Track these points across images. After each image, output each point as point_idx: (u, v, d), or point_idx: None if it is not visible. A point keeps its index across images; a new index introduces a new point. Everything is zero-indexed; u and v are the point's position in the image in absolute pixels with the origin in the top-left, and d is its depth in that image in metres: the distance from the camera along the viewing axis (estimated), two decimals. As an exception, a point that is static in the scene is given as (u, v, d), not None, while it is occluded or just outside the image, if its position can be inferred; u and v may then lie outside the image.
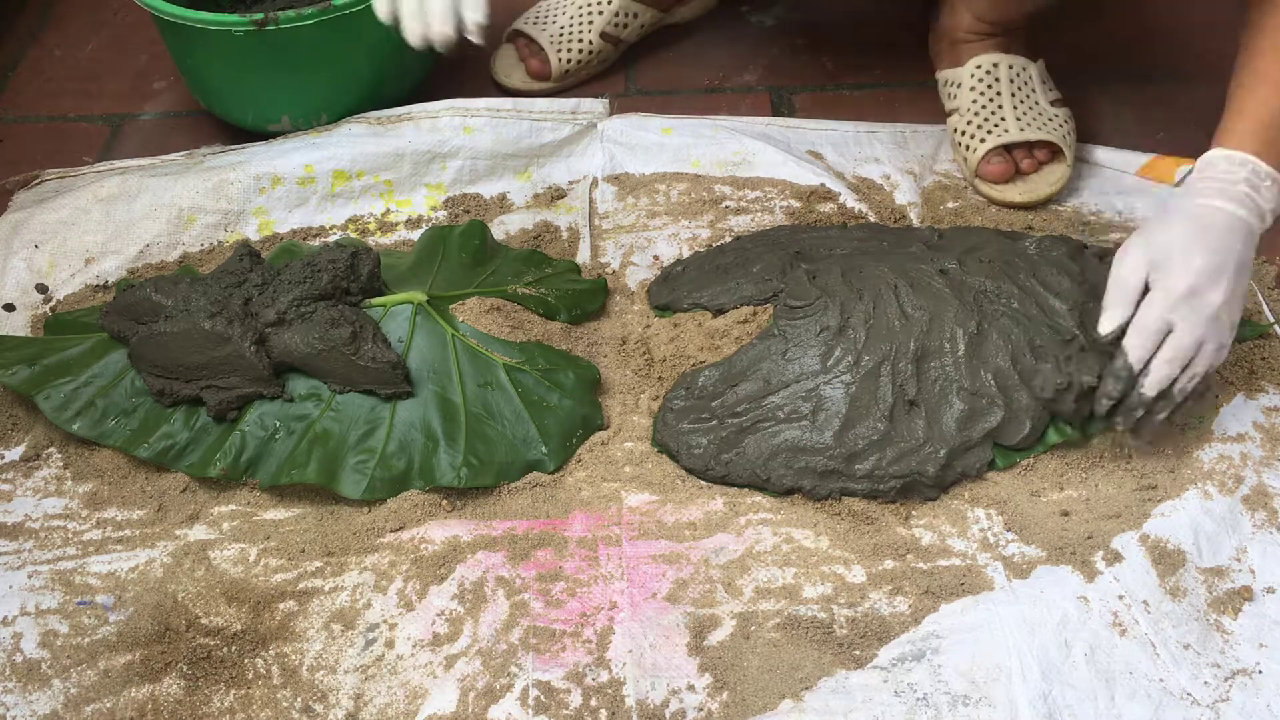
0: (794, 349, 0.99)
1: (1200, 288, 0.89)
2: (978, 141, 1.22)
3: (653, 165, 1.26)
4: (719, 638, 0.86)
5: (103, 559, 0.92)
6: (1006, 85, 1.23)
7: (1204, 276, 0.89)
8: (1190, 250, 0.90)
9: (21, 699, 0.83)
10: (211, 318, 0.96)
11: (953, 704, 0.81)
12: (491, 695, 0.83)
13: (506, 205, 1.23)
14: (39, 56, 1.48)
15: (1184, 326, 0.90)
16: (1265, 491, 0.94)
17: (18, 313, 1.11)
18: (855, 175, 1.25)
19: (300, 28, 1.19)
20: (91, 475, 0.98)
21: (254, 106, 1.28)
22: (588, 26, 1.38)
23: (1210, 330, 0.90)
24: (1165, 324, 0.90)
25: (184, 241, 1.17)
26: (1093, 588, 0.87)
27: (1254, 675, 0.83)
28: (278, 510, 0.96)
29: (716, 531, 0.93)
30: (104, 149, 1.34)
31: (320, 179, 1.21)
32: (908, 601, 0.88)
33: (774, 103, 1.38)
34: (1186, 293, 0.89)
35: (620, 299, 1.13)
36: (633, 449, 0.99)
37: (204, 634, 0.87)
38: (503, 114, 1.26)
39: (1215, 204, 0.92)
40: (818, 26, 1.48)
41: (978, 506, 0.95)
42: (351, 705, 0.83)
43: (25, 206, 1.20)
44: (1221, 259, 0.89)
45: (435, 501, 0.95)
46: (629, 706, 0.82)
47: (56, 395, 0.98)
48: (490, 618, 0.87)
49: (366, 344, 0.97)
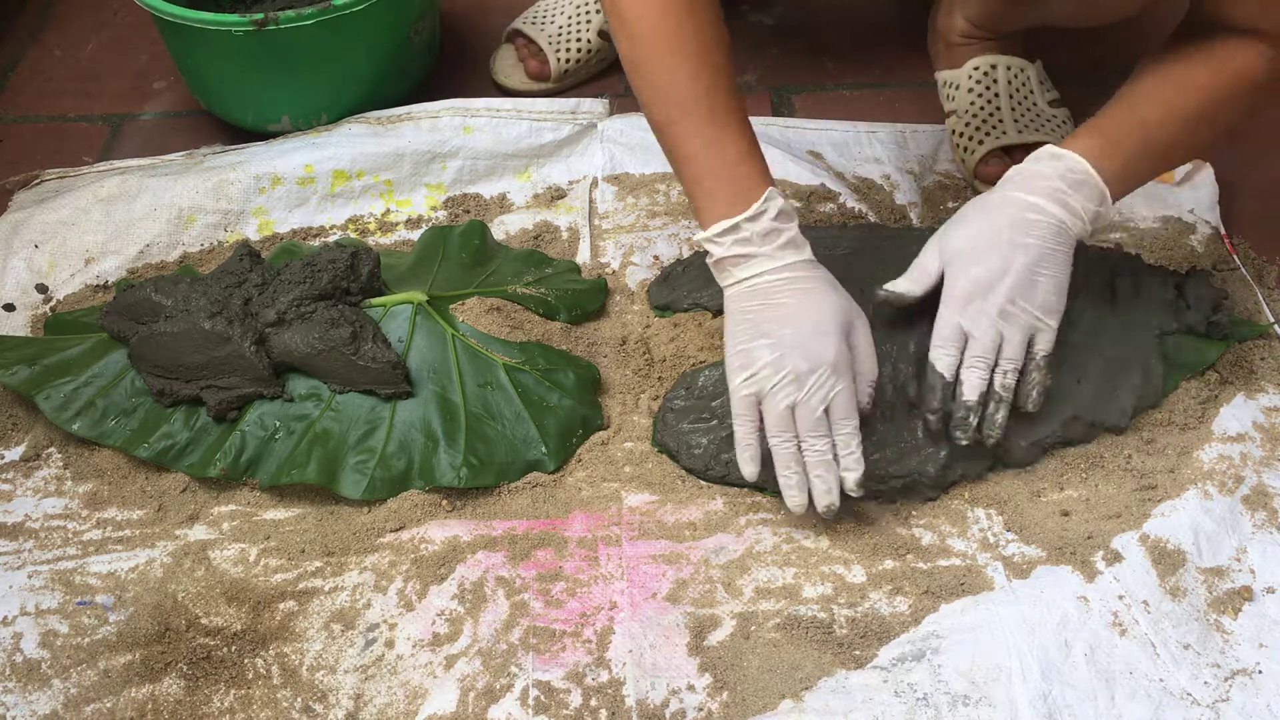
0: (794, 349, 0.99)
1: (980, 289, 0.89)
2: (975, 144, 1.22)
3: (653, 165, 1.26)
4: (719, 638, 0.86)
5: (103, 559, 0.92)
6: (1004, 87, 1.23)
7: (985, 275, 0.89)
8: (975, 251, 0.90)
9: (21, 699, 0.83)
10: (211, 318, 0.96)
11: (953, 704, 0.81)
12: (491, 695, 0.83)
13: (506, 205, 1.23)
14: (39, 56, 1.48)
15: (977, 330, 0.90)
16: (1265, 491, 0.94)
17: (18, 313, 1.11)
18: (855, 175, 1.25)
19: (300, 28, 1.19)
20: (91, 475, 0.98)
21: (254, 106, 1.28)
22: (586, 25, 1.38)
23: (1007, 327, 0.89)
24: (959, 329, 0.90)
25: (184, 241, 1.17)
26: (1093, 588, 0.87)
27: (1254, 675, 0.83)
28: (278, 510, 0.96)
29: (716, 531, 0.93)
30: (104, 149, 1.34)
31: (320, 179, 1.21)
32: (908, 601, 0.88)
33: (774, 103, 1.38)
34: (967, 297, 0.89)
35: (620, 299, 1.13)
36: (633, 449, 0.99)
37: (204, 634, 0.87)
38: (503, 114, 1.26)
39: (1016, 195, 0.91)
40: (818, 26, 1.48)
41: (978, 506, 0.95)
42: (351, 705, 0.83)
43: (25, 206, 1.20)
44: (1008, 254, 0.89)
45: (435, 501, 0.95)
46: (629, 706, 0.82)
47: (56, 395, 0.98)
48: (490, 618, 0.87)
49: (366, 344, 0.97)
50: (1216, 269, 1.12)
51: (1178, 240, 1.16)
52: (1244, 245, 1.16)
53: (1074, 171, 0.90)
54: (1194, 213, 1.18)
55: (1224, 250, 1.15)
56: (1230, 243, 1.16)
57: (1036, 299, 0.90)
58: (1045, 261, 0.90)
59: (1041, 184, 0.91)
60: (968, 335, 0.90)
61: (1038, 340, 0.92)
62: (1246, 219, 1.19)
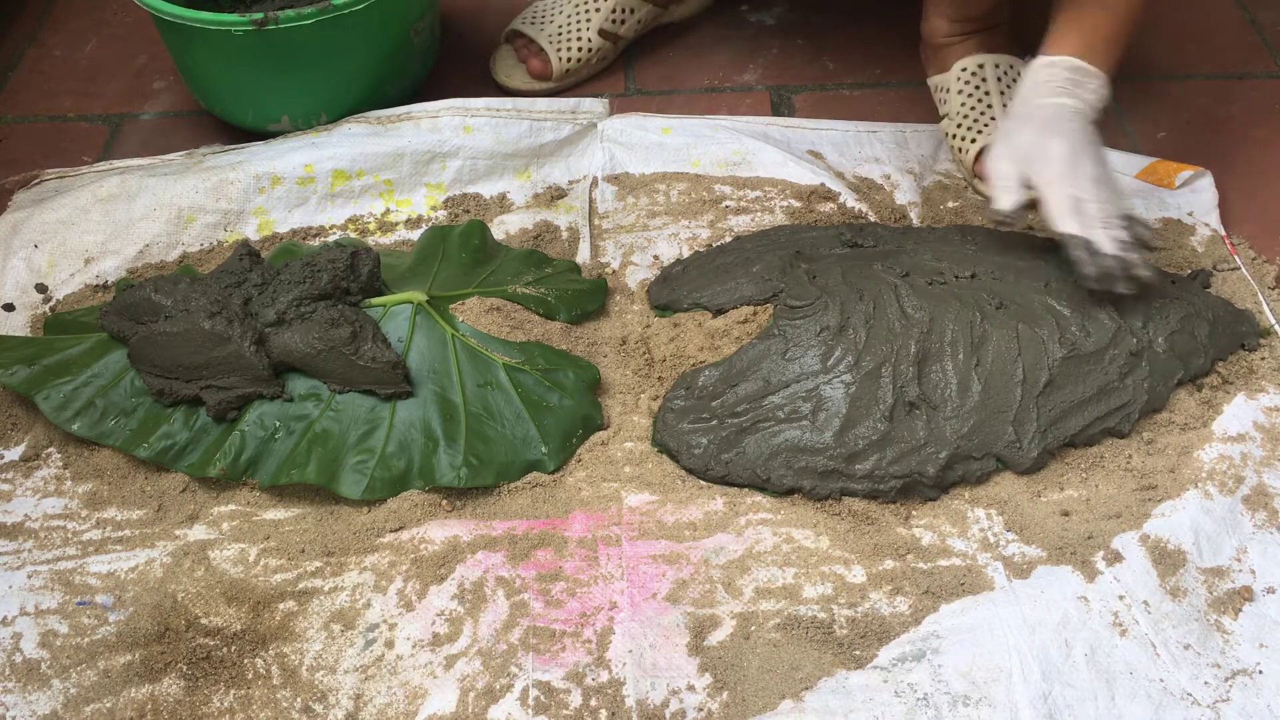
0: (794, 349, 0.99)
1: (1070, 164, 1.02)
2: (968, 143, 1.22)
3: (653, 165, 1.26)
4: (719, 638, 0.86)
5: (102, 559, 0.91)
6: (994, 85, 1.23)
7: (1068, 153, 1.02)
8: (1044, 142, 1.03)
9: (21, 699, 0.83)
10: (211, 318, 0.96)
11: (953, 704, 0.81)
12: (491, 695, 0.83)
13: (506, 205, 1.23)
14: (39, 56, 1.48)
15: (1086, 194, 1.01)
16: (1265, 491, 0.94)
17: (17, 313, 1.11)
18: (855, 175, 1.25)
19: (300, 28, 1.19)
20: (91, 475, 0.98)
21: (254, 106, 1.28)
22: (585, 24, 1.38)
23: (1101, 188, 1.02)
24: (1073, 198, 1.01)
25: (184, 241, 1.17)
26: (1093, 588, 0.87)
27: (1254, 675, 0.83)
28: (277, 510, 0.96)
29: (716, 531, 0.93)
30: (104, 149, 1.34)
31: (320, 179, 1.21)
32: (908, 601, 0.88)
33: (774, 103, 1.38)
34: (1064, 172, 1.01)
35: (620, 299, 1.13)
36: (633, 449, 0.99)
37: (204, 634, 0.87)
38: (503, 114, 1.26)
39: (1045, 101, 1.05)
40: (818, 26, 1.48)
41: (978, 506, 0.95)
42: (351, 705, 0.83)
43: (25, 206, 1.20)
44: (1070, 138, 1.03)
45: (435, 501, 0.95)
46: (629, 706, 0.82)
47: (56, 395, 0.98)
48: (490, 618, 0.87)
49: (366, 344, 0.97)
50: (1216, 269, 1.13)
51: (1178, 241, 1.16)
52: (1244, 245, 1.16)
53: (1073, 70, 1.05)
54: (1193, 215, 1.18)
55: (1224, 250, 1.15)
56: (1230, 243, 1.16)
57: (1102, 160, 1.04)
58: (1093, 140, 1.04)
59: (1052, 87, 1.05)
60: (1079, 201, 1.00)
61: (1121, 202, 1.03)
62: (1246, 219, 1.20)
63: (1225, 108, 1.34)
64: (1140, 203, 1.20)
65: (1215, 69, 1.40)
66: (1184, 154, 1.25)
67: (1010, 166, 1.04)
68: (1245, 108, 1.34)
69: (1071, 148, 1.02)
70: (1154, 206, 1.20)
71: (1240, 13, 1.48)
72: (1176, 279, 1.08)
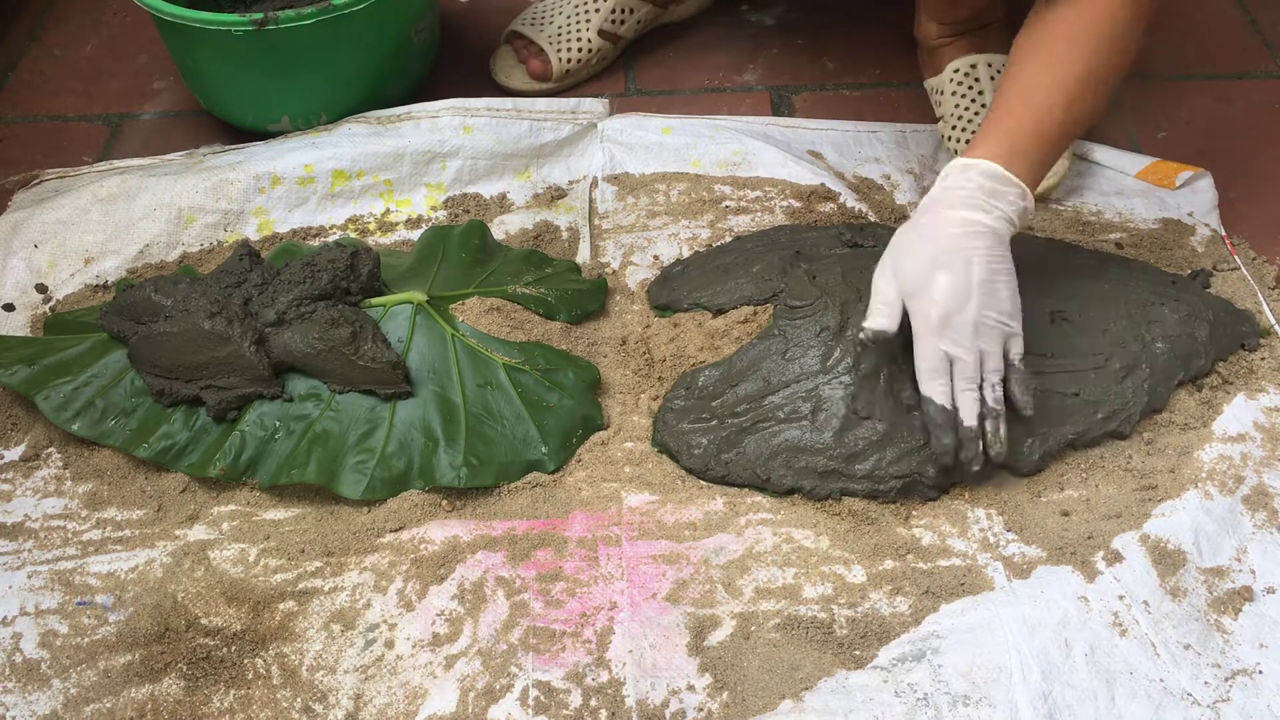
0: (794, 349, 0.99)
1: (951, 309, 0.89)
2: (964, 145, 1.22)
3: (653, 165, 1.26)
4: (719, 638, 0.86)
5: (102, 559, 0.91)
6: (988, 84, 1.23)
7: (951, 297, 0.89)
8: (932, 275, 0.90)
9: (21, 699, 0.83)
10: (211, 318, 0.96)
11: (953, 704, 0.81)
12: (491, 695, 0.83)
13: (506, 205, 1.23)
14: (39, 56, 1.48)
15: (959, 350, 0.90)
16: (1265, 491, 0.94)
17: (17, 313, 1.11)
18: (855, 175, 1.25)
19: (300, 28, 1.19)
20: (91, 475, 0.98)
21: (254, 106, 1.28)
22: (585, 25, 1.38)
23: (983, 339, 0.90)
24: (943, 355, 0.90)
25: (184, 241, 1.17)
26: (1093, 588, 0.87)
27: (1254, 675, 0.83)
28: (277, 510, 0.96)
29: (716, 531, 0.93)
30: (104, 149, 1.34)
31: (320, 179, 1.21)
32: (908, 601, 0.88)
33: (774, 103, 1.38)
34: (941, 320, 0.89)
35: (620, 299, 1.13)
36: (633, 449, 0.99)
37: (204, 634, 0.87)
38: (503, 114, 1.26)
39: (951, 214, 0.92)
40: (818, 26, 1.48)
41: (978, 506, 0.95)
42: (351, 705, 0.83)
43: (25, 206, 1.20)
44: (964, 271, 0.90)
45: (435, 501, 0.95)
46: (629, 707, 0.82)
47: (56, 395, 0.98)
48: (490, 618, 0.87)
49: (366, 344, 0.97)
50: (1217, 269, 1.13)
51: (1178, 241, 1.16)
52: (1244, 245, 1.16)
53: (989, 178, 0.92)
54: (1193, 215, 1.18)
55: (1224, 250, 1.15)
56: (1230, 243, 1.16)
57: (1003, 306, 0.91)
58: (996, 269, 0.91)
59: (963, 195, 0.93)
60: (951, 359, 0.90)
61: (1011, 346, 0.92)
62: (1246, 219, 1.20)
63: (1225, 108, 1.34)
64: (1140, 203, 1.20)
65: (1215, 69, 1.40)
66: (1184, 154, 1.25)
67: (891, 290, 0.92)
68: (1245, 108, 1.34)
69: (962, 283, 0.89)
70: (1154, 206, 1.20)
71: (1240, 13, 1.48)
72: (1176, 279, 1.08)
